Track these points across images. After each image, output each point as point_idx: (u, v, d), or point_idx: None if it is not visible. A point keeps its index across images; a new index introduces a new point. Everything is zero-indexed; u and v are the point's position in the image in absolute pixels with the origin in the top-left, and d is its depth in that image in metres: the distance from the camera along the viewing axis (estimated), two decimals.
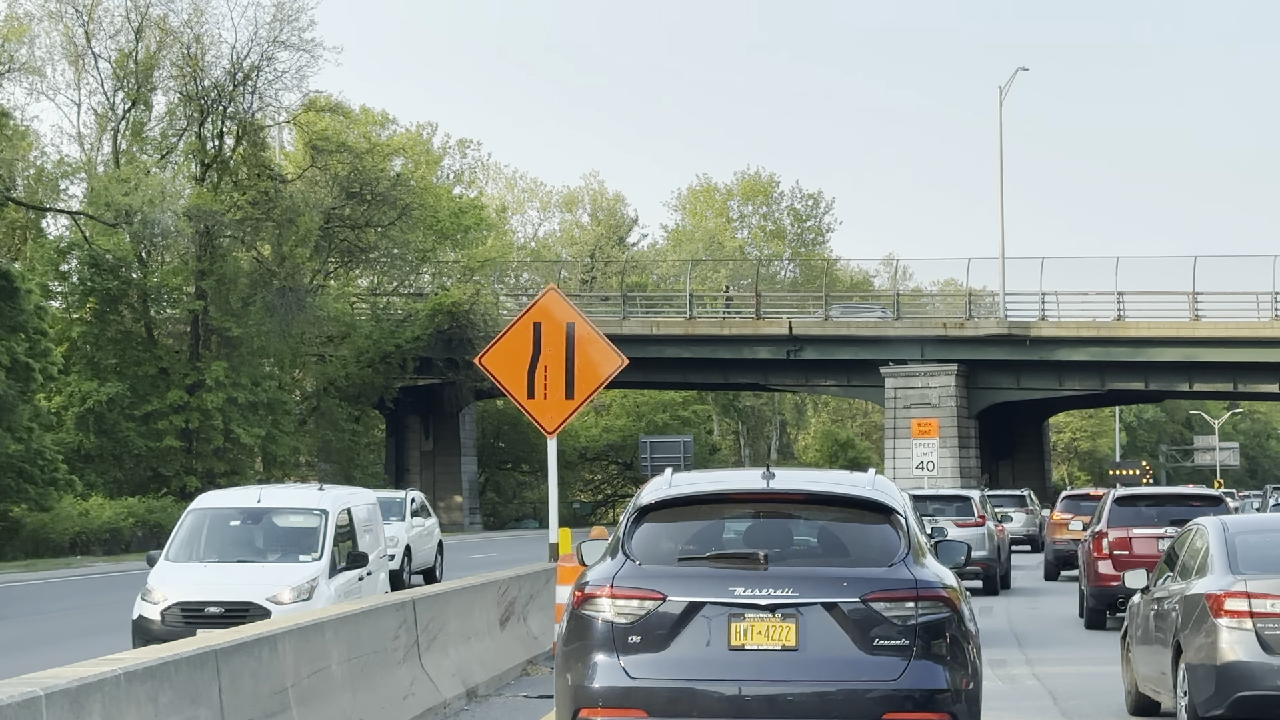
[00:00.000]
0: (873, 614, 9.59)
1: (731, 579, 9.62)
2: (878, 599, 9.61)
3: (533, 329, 19.44)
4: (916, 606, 9.64)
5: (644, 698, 9.56)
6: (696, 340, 70.86)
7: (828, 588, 9.63)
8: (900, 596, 9.64)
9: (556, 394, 19.44)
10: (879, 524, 10.07)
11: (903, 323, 68.56)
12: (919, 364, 67.68)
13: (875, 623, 9.58)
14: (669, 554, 9.97)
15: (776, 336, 69.38)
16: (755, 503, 10.18)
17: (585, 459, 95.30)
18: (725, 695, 9.49)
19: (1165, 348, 65.24)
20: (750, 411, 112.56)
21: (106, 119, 63.35)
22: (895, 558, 9.86)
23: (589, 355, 19.55)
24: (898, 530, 10.02)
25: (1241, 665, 12.34)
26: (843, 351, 69.15)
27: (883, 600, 9.62)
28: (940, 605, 9.70)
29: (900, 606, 9.62)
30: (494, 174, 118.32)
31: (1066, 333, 66.28)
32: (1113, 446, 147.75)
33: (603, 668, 9.66)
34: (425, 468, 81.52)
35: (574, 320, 19.63)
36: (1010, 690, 16.64)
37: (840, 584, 9.65)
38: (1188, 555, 13.93)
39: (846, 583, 9.65)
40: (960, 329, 67.20)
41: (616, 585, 9.72)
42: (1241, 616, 12.40)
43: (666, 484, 10.41)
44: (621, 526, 10.19)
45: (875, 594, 9.62)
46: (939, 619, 9.67)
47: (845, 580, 9.67)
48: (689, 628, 9.60)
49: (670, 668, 9.57)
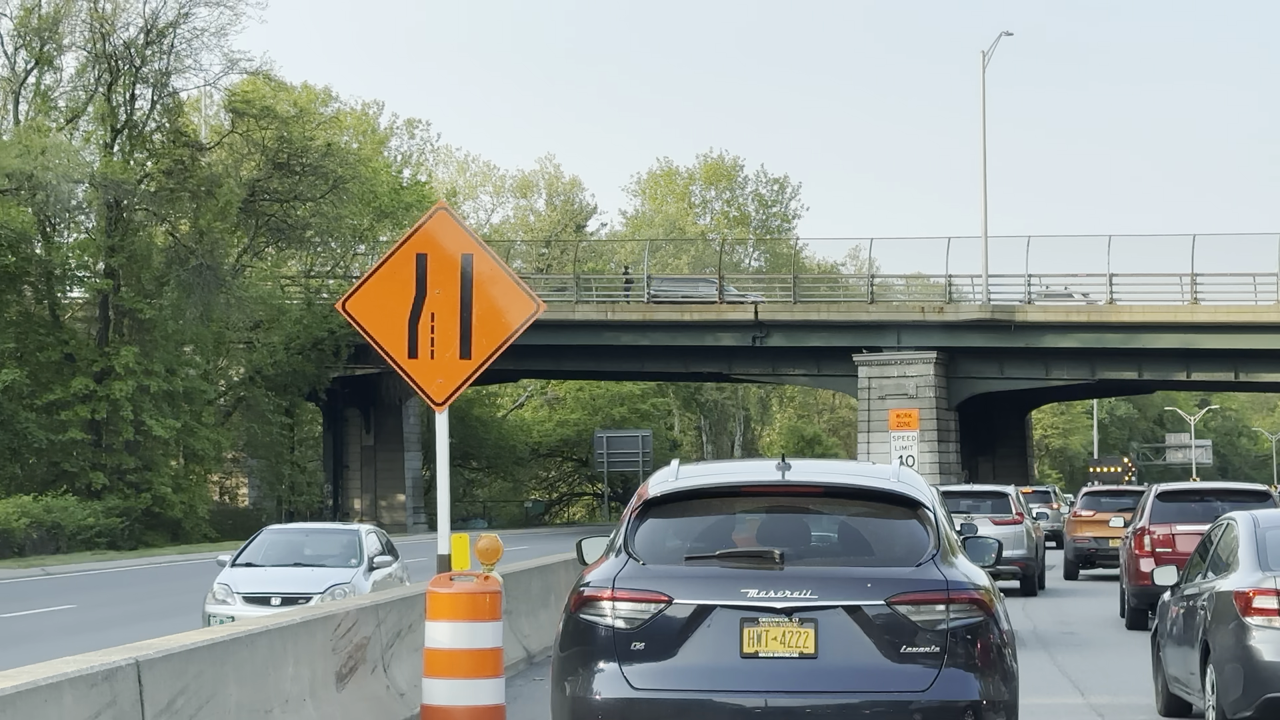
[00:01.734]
0: (899, 618, 8.95)
1: (744, 580, 8.98)
2: (904, 601, 8.96)
3: (415, 264, 14.14)
4: (948, 610, 8.97)
5: (648, 710, 8.97)
6: (655, 326, 65.80)
7: (849, 589, 8.99)
8: (929, 599, 8.97)
9: (448, 352, 14.15)
10: (905, 519, 9.38)
11: (877, 307, 63.58)
12: (895, 351, 62.82)
13: (902, 628, 8.94)
14: (676, 552, 9.28)
15: (741, 322, 64.38)
16: (770, 496, 9.51)
17: (538, 455, 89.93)
18: (737, 707, 8.89)
19: (1161, 333, 60.44)
20: (714, 406, 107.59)
21: (8, 82, 57.75)
22: (923, 556, 9.17)
23: (492, 299, 14.23)
24: (926, 526, 9.31)
25: (1271, 666, 11.94)
26: (812, 338, 64.22)
27: (910, 603, 8.96)
28: (973, 608, 9.03)
29: (929, 610, 8.97)
30: (444, 157, 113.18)
31: (1054, 317, 61.39)
32: (1085, 444, 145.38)
33: (603, 677, 9.02)
34: (366, 464, 76.65)
35: (472, 251, 14.29)
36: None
37: (863, 585, 9.01)
38: (1217, 551, 13.55)
39: (870, 584, 9.02)
40: (939, 313, 62.28)
41: (618, 587, 9.06)
42: (1271, 615, 12.02)
43: (673, 475, 9.69)
44: (624, 522, 9.43)
45: (902, 596, 8.97)
46: (972, 623, 9.02)
47: (869, 581, 9.03)
48: (698, 633, 8.96)
49: (677, 677, 8.93)
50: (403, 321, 14.27)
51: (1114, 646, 21.41)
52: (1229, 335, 59.57)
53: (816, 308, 65.28)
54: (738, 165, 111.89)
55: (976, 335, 62.04)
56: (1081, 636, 22.77)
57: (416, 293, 14.27)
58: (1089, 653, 20.48)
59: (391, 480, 76.59)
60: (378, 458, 76.61)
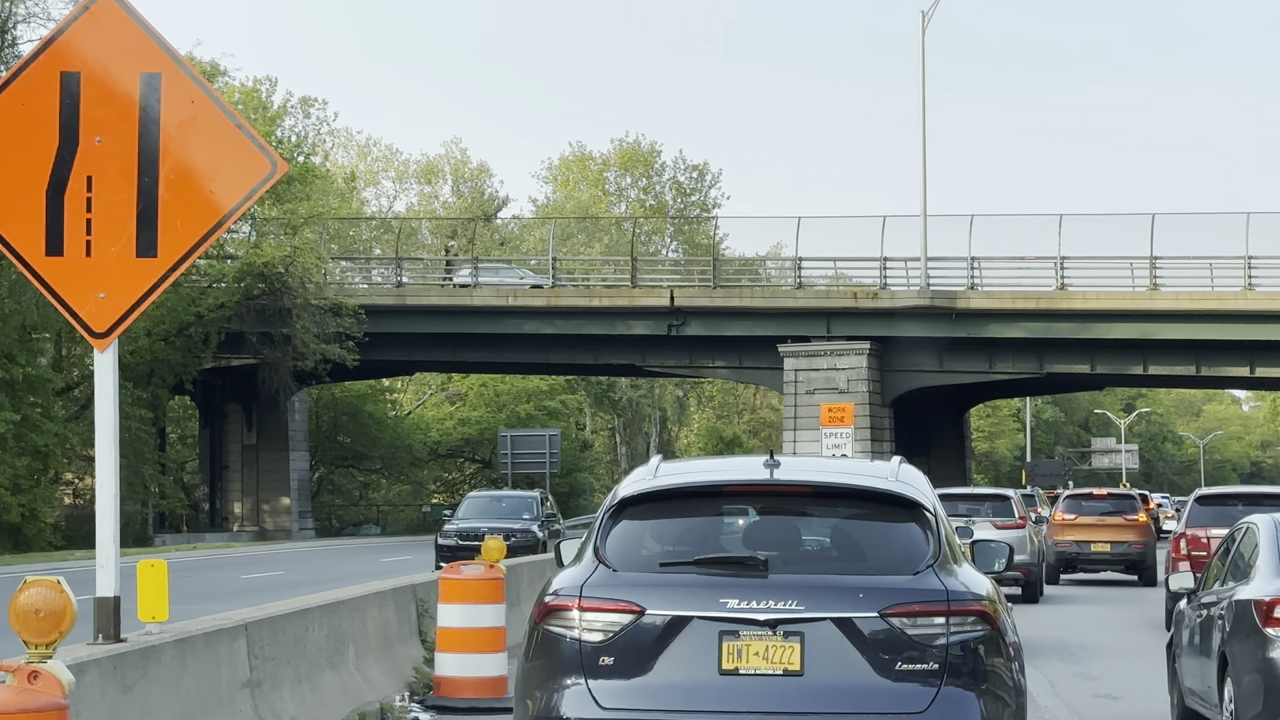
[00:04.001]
0: (894, 632, 8.13)
1: (724, 588, 8.21)
2: (900, 613, 8.14)
3: (58, 88, 8.07)
4: (947, 622, 8.15)
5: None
6: (560, 313, 59.79)
7: (839, 599, 8.18)
8: (927, 610, 8.15)
9: (115, 244, 8.10)
10: (903, 523, 8.50)
11: (805, 292, 57.77)
12: (824, 341, 57.07)
13: (897, 642, 8.12)
14: (651, 558, 8.51)
15: (655, 309, 58.46)
16: (756, 496, 8.66)
17: (437, 456, 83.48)
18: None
19: (1116, 322, 55.00)
20: (628, 404, 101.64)
21: None
22: (921, 564, 8.33)
23: (195, 153, 8.15)
24: (925, 530, 8.47)
25: None
26: (733, 326, 58.39)
27: (906, 615, 8.14)
28: (976, 621, 8.20)
29: (928, 623, 8.15)
30: (344, 140, 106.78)
31: (999, 304, 55.77)
32: (1011, 448, 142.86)
33: (569, 696, 8.21)
34: (247, 464, 70.25)
35: (162, 68, 8.21)
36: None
37: (855, 595, 8.18)
38: (1236, 557, 13.02)
39: (862, 593, 8.18)
40: (873, 299, 56.57)
41: (586, 596, 8.24)
42: None
43: (651, 473, 8.87)
44: (596, 524, 8.58)
45: (897, 607, 8.14)
46: (974, 637, 8.20)
47: (861, 591, 8.19)
48: (672, 647, 8.18)
49: (649, 696, 8.16)
50: (35, 192, 8.13)
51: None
52: (1190, 324, 54.25)
53: (738, 293, 59.51)
54: (655, 151, 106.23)
55: (914, 324, 56.50)
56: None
57: (61, 143, 8.11)
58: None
59: (275, 482, 70.24)
60: (260, 457, 70.32)
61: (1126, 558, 35.34)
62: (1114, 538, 35.08)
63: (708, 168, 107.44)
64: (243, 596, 27.45)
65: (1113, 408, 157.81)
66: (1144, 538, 35.57)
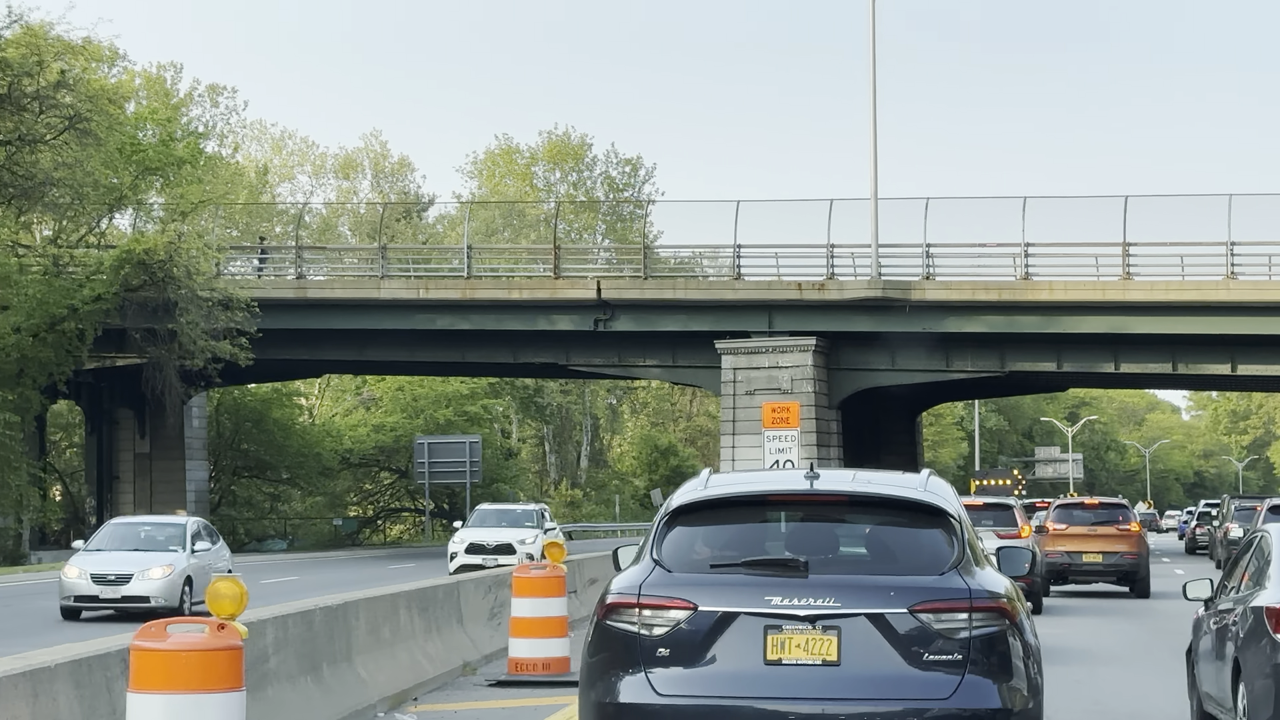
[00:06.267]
0: (922, 626, 8.97)
1: (769, 587, 9.06)
2: (927, 609, 8.97)
3: None
4: (970, 618, 8.99)
5: (673, 716, 9.04)
6: (477, 307, 54.44)
7: (873, 597, 9.01)
8: (952, 607, 8.98)
9: None
10: (930, 528, 9.41)
11: (745, 283, 52.62)
12: (766, 337, 51.99)
13: (925, 636, 8.96)
14: (702, 560, 9.35)
15: (581, 302, 53.23)
16: (797, 505, 9.63)
17: (350, 465, 77.74)
18: (760, 713, 8.97)
19: (1086, 315, 50.15)
20: (557, 411, 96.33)
21: None
22: (947, 565, 9.21)
23: None
24: (951, 536, 9.37)
25: None
26: (667, 321, 53.20)
27: (933, 611, 8.97)
28: (997, 616, 9.04)
29: (952, 618, 8.98)
30: (257, 133, 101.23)
31: (957, 295, 50.79)
32: (955, 457, 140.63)
33: (629, 684, 9.08)
34: (140, 474, 64.86)
35: None
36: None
37: (886, 593, 9.02)
38: (1251, 565, 13.22)
39: (893, 592, 9.03)
40: (820, 291, 51.49)
41: (644, 594, 9.18)
42: None
43: (702, 484, 9.84)
44: (652, 530, 9.53)
45: (924, 604, 8.98)
46: (995, 631, 9.03)
47: (892, 589, 9.04)
48: (722, 640, 9.03)
49: (702, 684, 9.02)
50: None
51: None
52: (1167, 317, 49.44)
53: (671, 284, 54.33)
54: (585, 144, 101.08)
55: (864, 318, 51.48)
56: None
57: None
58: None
59: (170, 494, 64.62)
60: (154, 467, 64.90)
61: (1119, 569, 34.49)
62: (1106, 548, 34.22)
63: (641, 161, 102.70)
64: (44, 635, 22.03)
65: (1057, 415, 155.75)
66: (1137, 548, 34.36)
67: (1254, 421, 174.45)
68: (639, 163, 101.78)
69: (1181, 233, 49.49)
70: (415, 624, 15.67)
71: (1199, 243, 49.43)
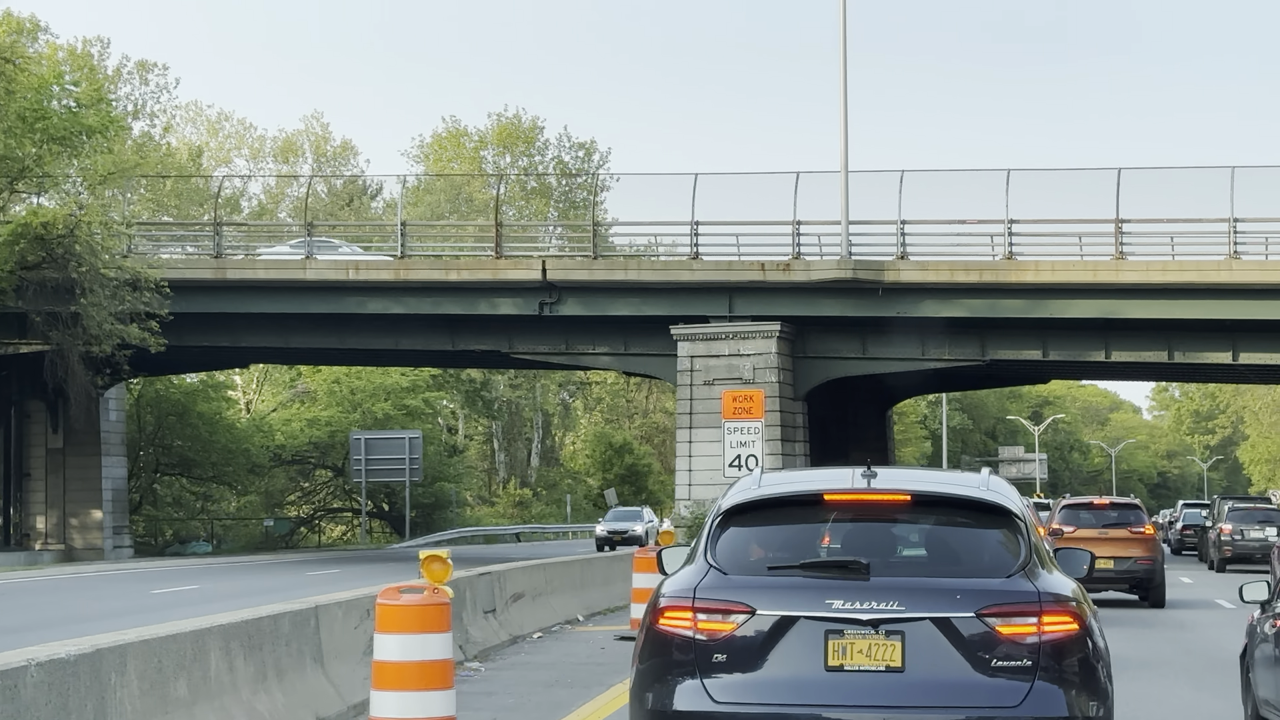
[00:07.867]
0: (990, 631, 8.66)
1: (829, 590, 8.73)
2: (995, 614, 8.66)
3: None
4: (1039, 622, 8.68)
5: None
6: (411, 289, 50.04)
7: (938, 601, 8.70)
8: (1021, 611, 8.69)
9: None
10: (995, 529, 9.14)
11: (703, 264, 48.34)
12: (725, 322, 47.79)
13: (993, 641, 8.65)
14: (758, 562, 9.05)
15: (525, 284, 48.89)
16: (855, 505, 9.23)
17: (281, 462, 73.10)
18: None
19: (1075, 298, 46.16)
20: (505, 406, 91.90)
21: None
22: (1014, 567, 8.90)
23: None
24: (1017, 536, 9.08)
25: None
26: (618, 305, 48.92)
27: (1001, 615, 8.67)
28: (1067, 621, 8.75)
29: (1021, 622, 8.68)
30: (193, 114, 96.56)
31: (934, 277, 46.69)
32: (918, 456, 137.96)
33: (684, 690, 8.76)
34: (53, 471, 60.26)
35: None
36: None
37: (952, 596, 8.71)
38: None
39: (959, 595, 8.73)
40: (785, 272, 47.30)
41: (700, 598, 8.84)
42: None
43: (755, 484, 9.58)
44: (705, 531, 9.25)
45: (992, 608, 8.67)
46: (1065, 636, 8.72)
47: (958, 592, 8.75)
48: (781, 645, 8.73)
49: (760, 691, 8.69)
50: None
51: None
52: (1163, 301, 45.50)
53: (624, 264, 50.09)
54: (537, 127, 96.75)
55: (833, 301, 47.33)
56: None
57: None
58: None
59: (85, 493, 60.17)
60: (67, 463, 60.16)
61: (1132, 575, 31.92)
62: (1118, 553, 31.57)
63: (595, 145, 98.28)
64: None
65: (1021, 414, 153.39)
66: (1151, 553, 31.88)
67: (1221, 421, 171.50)
68: (593, 146, 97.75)
69: (1179, 209, 46.12)
70: (238, 670, 11.49)
71: (1198, 220, 45.56)
